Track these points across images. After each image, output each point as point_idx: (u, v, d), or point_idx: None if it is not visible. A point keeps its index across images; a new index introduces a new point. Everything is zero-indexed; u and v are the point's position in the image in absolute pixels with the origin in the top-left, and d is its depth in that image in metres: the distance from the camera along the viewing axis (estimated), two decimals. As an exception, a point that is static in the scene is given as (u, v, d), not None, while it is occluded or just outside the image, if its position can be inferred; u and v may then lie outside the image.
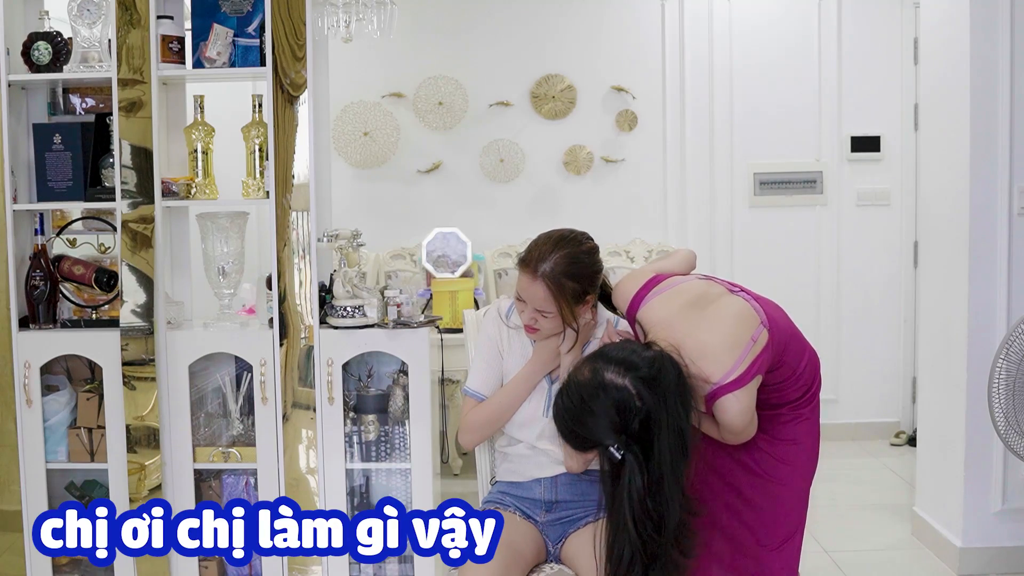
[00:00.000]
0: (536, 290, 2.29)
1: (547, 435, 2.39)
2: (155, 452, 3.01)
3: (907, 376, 5.35)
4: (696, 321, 2.17)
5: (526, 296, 2.32)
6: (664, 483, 1.97)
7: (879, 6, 5.32)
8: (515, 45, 5.33)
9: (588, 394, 1.99)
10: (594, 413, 1.97)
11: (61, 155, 3.02)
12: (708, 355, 2.10)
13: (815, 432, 2.41)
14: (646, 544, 1.98)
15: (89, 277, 3.07)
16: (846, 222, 5.38)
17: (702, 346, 2.11)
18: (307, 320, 2.99)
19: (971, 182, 3.41)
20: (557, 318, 2.31)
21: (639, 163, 5.38)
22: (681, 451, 1.99)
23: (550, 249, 2.30)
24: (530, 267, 2.30)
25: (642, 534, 1.97)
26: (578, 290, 2.30)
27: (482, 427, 2.45)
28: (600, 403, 1.98)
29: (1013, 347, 2.80)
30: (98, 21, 3.00)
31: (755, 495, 2.35)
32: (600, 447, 1.99)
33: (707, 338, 2.13)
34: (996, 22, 3.34)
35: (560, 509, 2.41)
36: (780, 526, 2.38)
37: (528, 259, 2.32)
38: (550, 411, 2.33)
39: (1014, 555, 3.48)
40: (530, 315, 2.33)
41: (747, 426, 2.17)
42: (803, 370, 2.32)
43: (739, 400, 2.10)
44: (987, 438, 3.35)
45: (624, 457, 1.96)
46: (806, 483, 2.42)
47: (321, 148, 3.10)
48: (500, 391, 2.44)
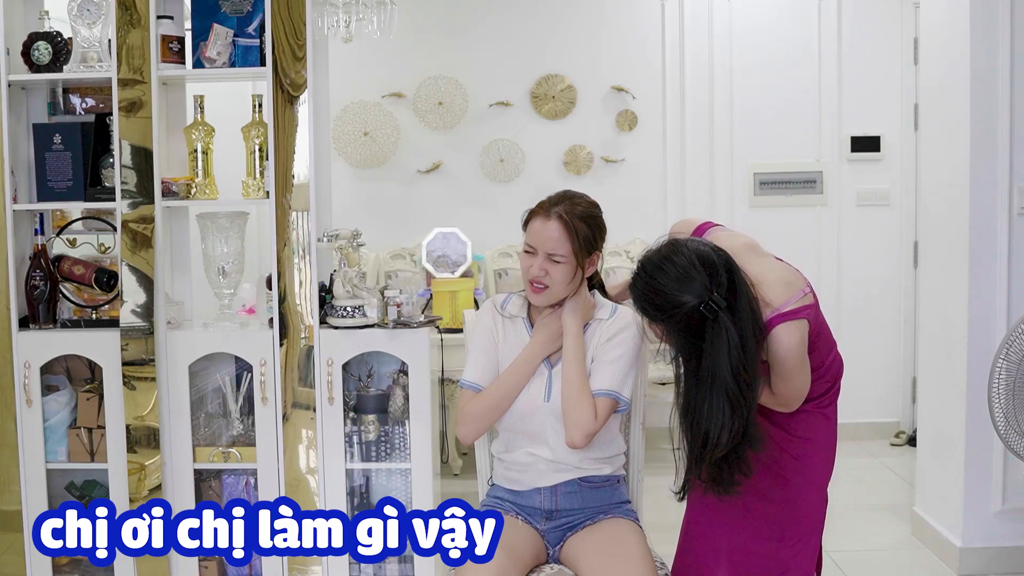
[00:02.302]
0: (550, 230, 2.32)
1: (547, 435, 2.39)
2: (155, 452, 3.01)
3: (907, 376, 5.36)
4: (753, 258, 2.25)
5: (537, 240, 2.34)
6: (748, 341, 2.05)
7: (879, 6, 5.32)
8: (515, 45, 5.33)
9: (672, 253, 2.08)
10: (684, 270, 2.05)
11: (61, 155, 3.02)
12: (766, 284, 2.18)
13: (833, 433, 2.43)
14: (741, 398, 2.05)
15: (89, 277, 3.07)
16: (846, 222, 5.38)
17: (761, 276, 2.19)
18: (307, 320, 2.99)
19: (971, 182, 3.41)
20: (568, 265, 2.32)
21: (639, 163, 5.38)
22: (754, 317, 2.08)
23: (559, 198, 2.38)
24: (543, 210, 2.36)
25: (740, 384, 2.04)
26: (588, 236, 2.34)
27: (482, 416, 2.40)
28: (685, 257, 2.06)
29: (1013, 347, 2.80)
30: (98, 21, 3.00)
31: (774, 494, 2.36)
32: (690, 306, 2.03)
33: (765, 272, 2.22)
34: (996, 22, 3.34)
35: (560, 517, 2.40)
36: (798, 526, 2.38)
37: (539, 205, 2.38)
38: (550, 397, 2.35)
39: (1014, 555, 3.48)
40: (540, 267, 2.33)
41: (801, 367, 2.20)
42: (830, 364, 2.37)
43: (793, 332, 2.16)
44: (987, 438, 3.35)
45: (718, 310, 2.02)
46: (823, 485, 2.43)
47: (321, 148, 3.10)
48: (500, 376, 2.41)
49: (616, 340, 2.37)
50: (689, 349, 2.10)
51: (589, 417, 2.28)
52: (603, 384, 2.32)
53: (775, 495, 2.36)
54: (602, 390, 2.32)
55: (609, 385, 2.32)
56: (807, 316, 2.21)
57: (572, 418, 2.30)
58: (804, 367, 2.22)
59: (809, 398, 2.32)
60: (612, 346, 2.36)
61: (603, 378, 2.33)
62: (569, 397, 2.31)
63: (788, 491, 2.37)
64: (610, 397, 2.32)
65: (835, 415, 2.44)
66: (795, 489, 2.38)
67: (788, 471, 2.36)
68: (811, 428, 2.37)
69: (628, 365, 2.35)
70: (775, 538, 2.38)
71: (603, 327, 2.40)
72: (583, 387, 2.31)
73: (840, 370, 2.44)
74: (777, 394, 2.25)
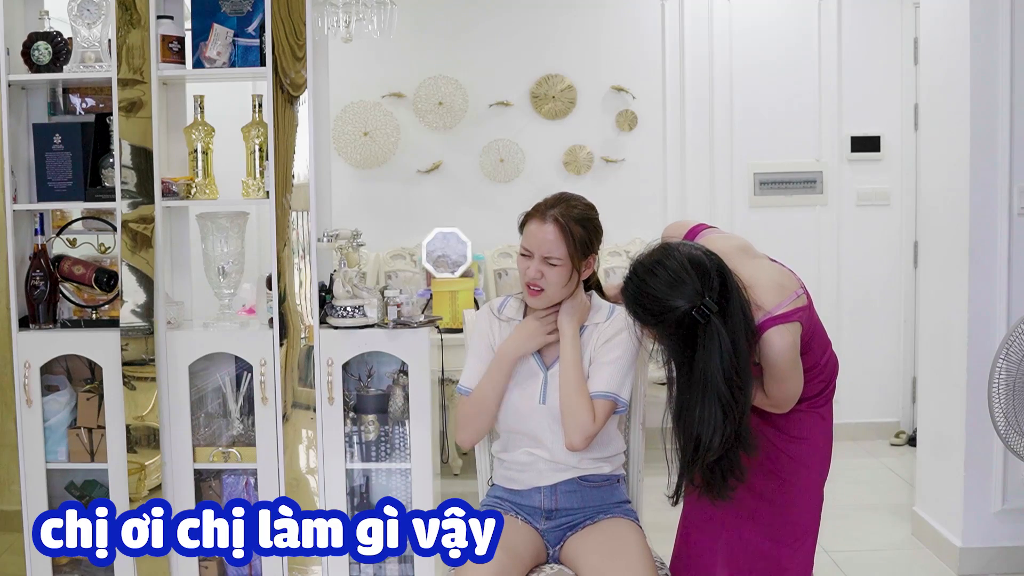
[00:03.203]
0: (545, 232, 2.32)
1: (544, 436, 2.38)
2: (155, 452, 3.01)
3: (907, 376, 5.35)
4: (745, 261, 2.25)
5: (533, 243, 2.33)
6: (740, 345, 2.04)
7: (879, 6, 5.32)
8: (515, 45, 5.33)
9: (664, 257, 2.08)
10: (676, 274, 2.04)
11: (61, 155, 3.02)
12: (758, 287, 2.17)
13: (829, 434, 2.43)
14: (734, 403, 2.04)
15: (89, 277, 3.07)
16: (846, 222, 5.38)
17: (753, 279, 2.18)
18: (307, 320, 2.99)
19: (971, 182, 3.41)
20: (564, 268, 2.32)
21: (639, 163, 5.38)
22: (746, 321, 2.08)
23: (556, 200, 2.38)
24: (539, 212, 2.36)
25: (732, 388, 2.03)
26: (584, 238, 2.34)
27: (472, 420, 2.40)
28: (676, 261, 2.06)
29: (1013, 347, 2.80)
30: (98, 21, 3.00)
31: (770, 495, 2.36)
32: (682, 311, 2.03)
33: (758, 274, 2.21)
34: (996, 22, 3.34)
35: (560, 516, 2.40)
36: (795, 526, 2.38)
37: (535, 208, 2.38)
38: (546, 400, 2.35)
39: (1014, 555, 3.48)
40: (536, 269, 2.33)
41: (793, 370, 2.20)
42: (825, 364, 2.37)
43: (785, 335, 2.16)
44: (987, 438, 3.35)
45: (710, 315, 2.02)
46: (819, 485, 2.43)
47: (321, 148, 3.10)
48: (481, 379, 2.40)
49: (614, 342, 2.36)
50: (681, 353, 2.09)
51: (588, 419, 2.28)
52: (601, 386, 2.32)
53: (772, 495, 2.37)
54: (600, 392, 2.32)
55: (607, 387, 2.32)
56: (800, 319, 2.21)
57: (571, 421, 2.30)
58: (796, 370, 2.23)
59: (804, 398, 2.33)
60: (610, 348, 2.36)
61: (601, 380, 2.33)
62: (567, 400, 2.31)
63: (784, 491, 2.37)
64: (608, 399, 2.32)
65: (831, 415, 2.44)
66: (791, 489, 2.38)
67: (784, 471, 2.36)
68: (807, 428, 2.37)
69: (626, 366, 2.35)
70: (772, 537, 2.38)
71: (600, 329, 2.40)
72: (581, 389, 2.31)
73: (835, 370, 2.45)
74: (770, 395, 2.25)
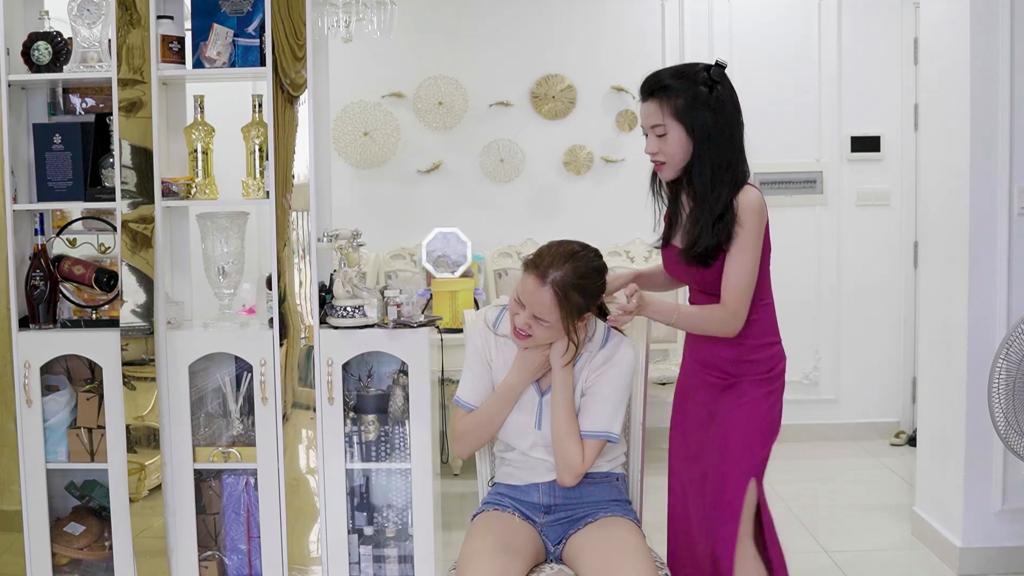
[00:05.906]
0: (542, 296, 2.24)
1: (540, 444, 2.39)
2: (155, 452, 3.01)
3: (907, 376, 5.36)
4: None
5: (528, 300, 2.27)
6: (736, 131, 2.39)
7: (879, 6, 5.32)
8: (515, 45, 5.33)
9: None
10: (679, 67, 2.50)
11: (61, 155, 3.02)
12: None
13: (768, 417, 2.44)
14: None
15: (89, 277, 3.07)
16: (846, 222, 5.38)
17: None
18: (307, 320, 2.99)
19: (971, 182, 3.41)
20: (553, 329, 2.28)
21: (639, 163, 5.34)
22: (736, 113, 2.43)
23: (563, 259, 2.26)
24: (539, 271, 2.26)
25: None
26: (582, 305, 2.28)
27: (470, 436, 2.43)
28: None
29: (1013, 347, 2.80)
30: (98, 21, 3.00)
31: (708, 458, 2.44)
32: (701, 66, 2.45)
33: None
34: (996, 22, 3.34)
35: (559, 511, 2.40)
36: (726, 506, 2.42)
37: (538, 263, 2.27)
38: (542, 424, 2.37)
39: (1014, 555, 3.48)
40: (525, 320, 2.28)
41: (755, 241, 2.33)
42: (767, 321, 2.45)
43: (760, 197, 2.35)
44: (987, 438, 3.35)
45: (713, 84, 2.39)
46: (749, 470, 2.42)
47: (321, 148, 3.10)
48: (485, 403, 2.41)
49: (608, 375, 2.35)
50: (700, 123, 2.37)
51: (577, 460, 2.32)
52: (594, 426, 2.33)
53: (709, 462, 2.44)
54: (591, 432, 2.33)
55: (599, 427, 2.33)
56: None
57: (561, 460, 2.33)
58: (757, 246, 2.33)
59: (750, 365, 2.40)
60: (604, 381, 2.35)
61: (594, 418, 2.34)
62: (558, 440, 2.33)
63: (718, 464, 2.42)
64: (599, 439, 2.34)
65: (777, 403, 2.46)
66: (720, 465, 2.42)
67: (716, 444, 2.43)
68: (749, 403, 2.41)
69: (618, 401, 2.36)
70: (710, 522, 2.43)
71: (594, 357, 2.38)
72: (571, 432, 2.32)
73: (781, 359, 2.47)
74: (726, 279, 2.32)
